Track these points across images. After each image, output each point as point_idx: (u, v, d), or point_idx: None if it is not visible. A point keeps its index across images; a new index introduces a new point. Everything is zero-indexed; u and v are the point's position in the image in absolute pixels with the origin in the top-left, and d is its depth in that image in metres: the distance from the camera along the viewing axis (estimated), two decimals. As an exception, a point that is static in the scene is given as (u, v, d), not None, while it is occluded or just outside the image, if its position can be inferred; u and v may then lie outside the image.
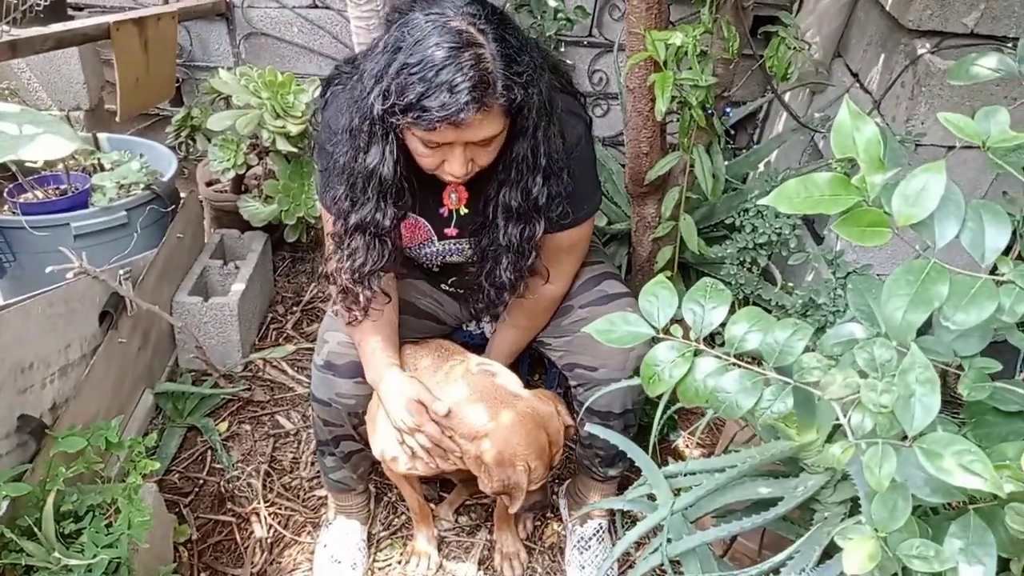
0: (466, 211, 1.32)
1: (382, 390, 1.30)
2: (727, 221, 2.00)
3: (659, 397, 0.95)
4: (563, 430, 1.30)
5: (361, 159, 1.15)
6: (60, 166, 1.99)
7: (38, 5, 1.59)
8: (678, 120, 1.72)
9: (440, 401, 1.26)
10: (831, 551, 0.93)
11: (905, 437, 0.65)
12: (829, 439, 0.96)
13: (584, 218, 1.36)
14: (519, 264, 1.27)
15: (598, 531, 1.60)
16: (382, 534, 1.67)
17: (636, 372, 1.36)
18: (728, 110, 2.10)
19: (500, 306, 1.38)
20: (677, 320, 0.87)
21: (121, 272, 1.67)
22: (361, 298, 1.27)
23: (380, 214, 1.18)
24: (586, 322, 1.38)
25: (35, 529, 1.21)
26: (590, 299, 1.45)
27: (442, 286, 1.52)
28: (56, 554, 1.18)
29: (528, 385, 1.36)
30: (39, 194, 1.96)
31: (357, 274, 1.24)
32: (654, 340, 0.87)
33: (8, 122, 0.60)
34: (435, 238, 1.37)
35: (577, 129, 1.29)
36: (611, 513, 1.67)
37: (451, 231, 1.35)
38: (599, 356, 1.38)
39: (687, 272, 2.07)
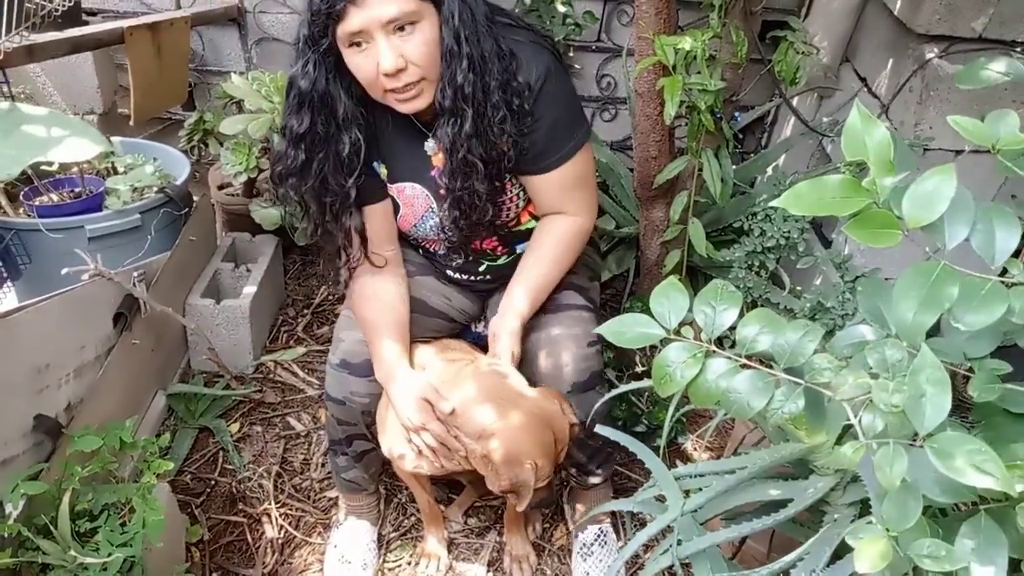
0: None
1: (391, 388, 1.32)
2: (735, 225, 2.01)
3: (668, 399, 0.96)
4: (568, 428, 1.31)
5: (288, 78, 1.24)
6: (75, 169, 2.02)
7: (56, 11, 1.61)
8: (686, 124, 1.73)
9: (446, 401, 1.28)
10: (841, 552, 0.94)
11: (916, 438, 0.66)
12: (839, 441, 0.97)
13: (578, 147, 1.34)
14: (451, 165, 1.26)
15: (599, 536, 1.61)
16: (392, 535, 1.68)
17: (574, 388, 1.37)
18: (736, 114, 2.11)
19: (454, 212, 1.33)
20: (687, 323, 0.88)
21: (135, 274, 1.69)
22: (316, 215, 1.33)
23: (295, 120, 1.24)
24: (531, 329, 1.40)
25: (51, 527, 1.23)
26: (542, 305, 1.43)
27: (448, 272, 1.53)
28: (72, 552, 1.20)
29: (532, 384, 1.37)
30: (54, 197, 1.98)
31: (277, 175, 1.30)
32: (664, 341, 0.88)
33: (36, 124, 0.62)
34: (435, 205, 1.38)
35: (542, 59, 1.28)
36: (612, 516, 1.68)
37: (444, 190, 1.36)
38: (537, 371, 1.39)
39: (695, 276, 2.08)
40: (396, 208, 1.41)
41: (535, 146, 1.29)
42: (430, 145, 1.33)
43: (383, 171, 1.38)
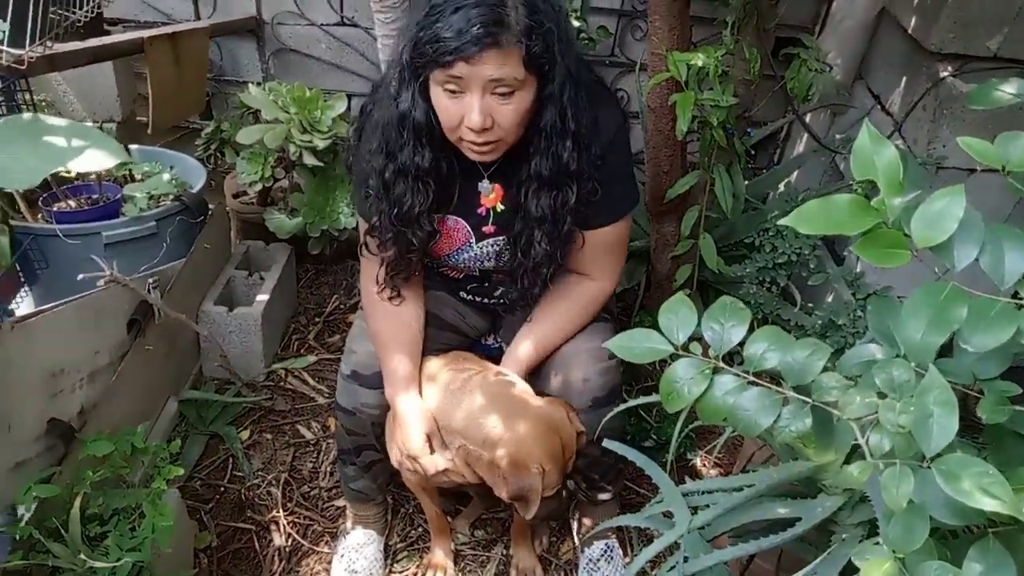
0: (503, 207, 1.34)
1: (399, 407, 1.33)
2: (747, 241, 2.00)
3: (677, 414, 0.96)
4: (575, 437, 1.32)
5: (393, 107, 1.20)
6: (92, 176, 2.05)
7: (79, 21, 1.64)
8: (698, 140, 1.74)
9: (442, 459, 1.32)
10: (848, 573, 0.93)
11: (924, 459, 0.66)
12: (847, 460, 0.97)
13: (623, 213, 1.36)
14: (554, 234, 1.28)
15: (606, 551, 1.60)
16: (399, 546, 1.68)
17: (596, 402, 1.37)
18: (749, 130, 2.11)
19: (536, 287, 1.36)
20: (696, 338, 0.89)
21: (150, 281, 1.71)
22: (412, 258, 1.33)
23: (419, 157, 1.22)
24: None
25: (62, 531, 1.24)
26: None
27: (460, 294, 1.53)
28: (81, 556, 1.21)
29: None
30: (72, 203, 2.01)
31: (405, 217, 1.27)
32: (673, 357, 0.88)
33: (57, 135, 0.63)
34: (473, 241, 1.38)
35: (615, 119, 1.30)
36: (619, 532, 1.67)
37: (489, 228, 1.36)
38: (559, 385, 1.39)
39: (706, 291, 2.07)
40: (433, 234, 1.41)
41: (587, 204, 1.30)
42: (485, 186, 1.33)
43: None
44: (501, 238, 1.37)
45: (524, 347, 1.40)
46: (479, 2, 1.05)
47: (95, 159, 0.64)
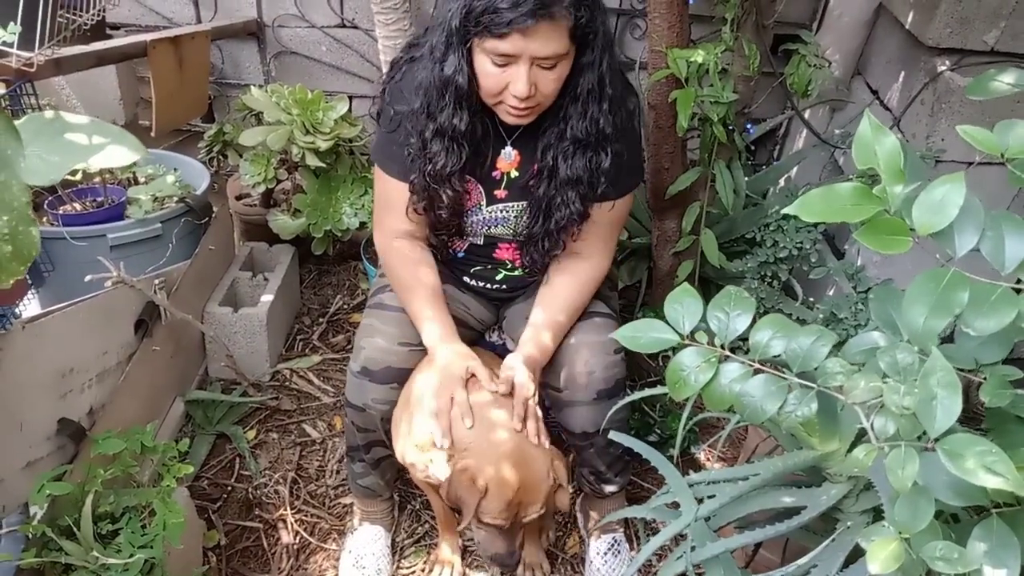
0: (516, 174, 1.39)
1: (438, 359, 1.33)
2: (747, 236, 2.02)
3: (682, 406, 0.97)
4: (547, 485, 1.25)
5: (438, 70, 1.24)
6: (97, 179, 2.06)
7: (86, 25, 1.66)
8: (699, 136, 1.75)
9: (504, 381, 1.30)
10: (853, 559, 0.94)
11: (928, 441, 0.67)
12: (851, 448, 0.98)
13: (631, 187, 1.43)
14: (589, 196, 1.34)
15: (613, 544, 1.61)
16: (406, 541, 1.69)
17: (600, 395, 1.38)
18: (749, 126, 2.13)
19: (556, 249, 1.40)
20: (700, 330, 0.90)
21: (156, 282, 1.72)
22: (444, 214, 1.38)
23: (457, 119, 1.26)
24: (566, 338, 1.41)
25: (74, 529, 1.25)
26: None
27: (464, 279, 1.55)
28: (94, 553, 1.22)
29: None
30: (77, 206, 2.02)
31: (437, 176, 1.32)
32: (676, 348, 0.90)
33: (79, 132, 0.65)
34: (484, 203, 1.42)
35: (631, 100, 1.38)
36: (625, 526, 1.68)
37: (501, 193, 1.41)
38: (565, 378, 1.40)
39: (707, 286, 2.08)
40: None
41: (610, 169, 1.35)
42: (507, 152, 1.38)
43: None
44: (512, 204, 1.41)
45: (529, 348, 1.38)
46: None
47: (116, 155, 0.66)
